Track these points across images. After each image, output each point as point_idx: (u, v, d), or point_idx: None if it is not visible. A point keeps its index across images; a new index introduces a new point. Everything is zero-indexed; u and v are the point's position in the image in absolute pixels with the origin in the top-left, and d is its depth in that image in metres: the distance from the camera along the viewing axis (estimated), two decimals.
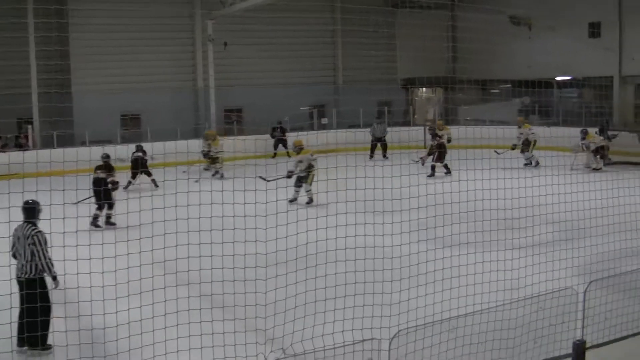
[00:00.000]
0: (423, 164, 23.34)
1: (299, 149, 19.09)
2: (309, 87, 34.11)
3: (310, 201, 18.14)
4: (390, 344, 5.57)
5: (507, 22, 34.91)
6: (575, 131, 25.00)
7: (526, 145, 25.15)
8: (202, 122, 31.26)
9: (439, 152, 22.87)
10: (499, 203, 9.71)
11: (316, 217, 7.71)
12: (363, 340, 5.81)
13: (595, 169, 23.51)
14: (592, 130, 25.33)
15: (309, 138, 20.60)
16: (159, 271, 8.08)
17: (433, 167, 22.57)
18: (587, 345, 6.06)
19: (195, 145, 23.62)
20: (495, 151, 20.19)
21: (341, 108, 32.12)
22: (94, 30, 29.66)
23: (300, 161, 18.65)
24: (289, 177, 18.39)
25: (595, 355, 6.19)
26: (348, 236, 7.85)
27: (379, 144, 28.81)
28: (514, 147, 24.91)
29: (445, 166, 22.51)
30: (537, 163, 24.51)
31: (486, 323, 6.00)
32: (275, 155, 28.35)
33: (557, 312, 6.21)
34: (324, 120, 33.35)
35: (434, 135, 23.98)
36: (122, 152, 20.48)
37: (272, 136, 29.21)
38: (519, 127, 25.62)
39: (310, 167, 18.44)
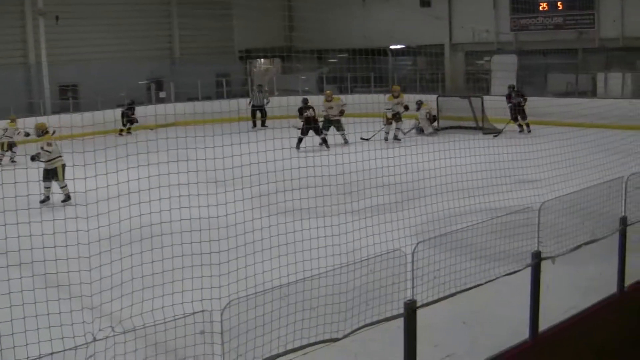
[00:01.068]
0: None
1: (41, 132, 15.97)
2: (145, 60, 33.29)
3: (66, 199, 14.63)
4: (222, 314, 5.44)
5: None
6: (411, 97, 25.73)
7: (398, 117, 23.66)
8: (35, 99, 29.96)
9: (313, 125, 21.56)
10: (337, 169, 9.76)
11: (137, 190, 7.46)
12: (194, 313, 5.65)
13: (432, 134, 24.40)
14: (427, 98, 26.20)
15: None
16: None
17: (300, 140, 21.18)
18: (418, 304, 6.16)
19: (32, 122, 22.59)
20: (362, 137, 19.49)
21: (179, 81, 31.54)
22: None
23: (42, 147, 15.40)
24: (32, 159, 14.87)
25: (425, 313, 6.31)
26: (173, 208, 7.66)
27: (258, 112, 29.33)
28: (390, 121, 23.44)
29: (324, 140, 21.48)
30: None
31: (317, 289, 5.97)
32: (121, 132, 27.39)
33: (387, 274, 6.25)
34: (162, 94, 32.68)
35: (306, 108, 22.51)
36: None
37: (123, 114, 28.02)
38: (395, 96, 24.12)
39: (45, 157, 15.17)
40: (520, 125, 24.99)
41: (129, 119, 27.89)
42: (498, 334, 7.75)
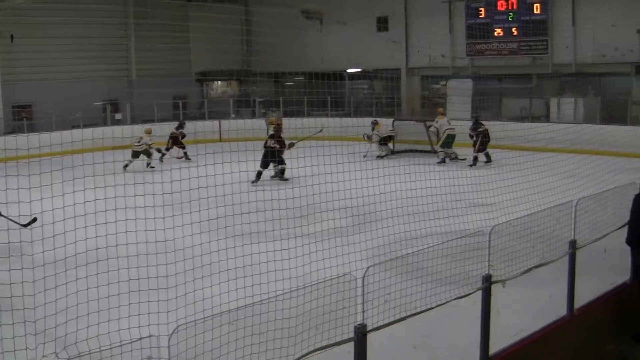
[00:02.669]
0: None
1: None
2: (102, 81, 33.05)
3: None
4: (169, 339, 5.35)
5: (299, 16, 35.49)
6: (367, 121, 25.90)
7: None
8: None
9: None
10: (288, 193, 9.72)
11: (83, 213, 7.34)
12: (141, 338, 5.55)
13: (380, 156, 24.61)
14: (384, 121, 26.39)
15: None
16: None
17: (259, 174, 19.00)
18: (368, 328, 6.12)
19: None
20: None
21: (135, 102, 31.31)
22: None
23: None
24: None
25: (376, 337, 6.27)
26: (119, 232, 7.56)
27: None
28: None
29: (281, 171, 19.59)
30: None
31: (267, 313, 5.90)
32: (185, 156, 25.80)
33: (338, 298, 6.21)
34: (118, 116, 32.40)
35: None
36: None
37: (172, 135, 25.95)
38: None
39: None
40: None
41: (173, 138, 26.01)
42: (449, 358, 7.74)
